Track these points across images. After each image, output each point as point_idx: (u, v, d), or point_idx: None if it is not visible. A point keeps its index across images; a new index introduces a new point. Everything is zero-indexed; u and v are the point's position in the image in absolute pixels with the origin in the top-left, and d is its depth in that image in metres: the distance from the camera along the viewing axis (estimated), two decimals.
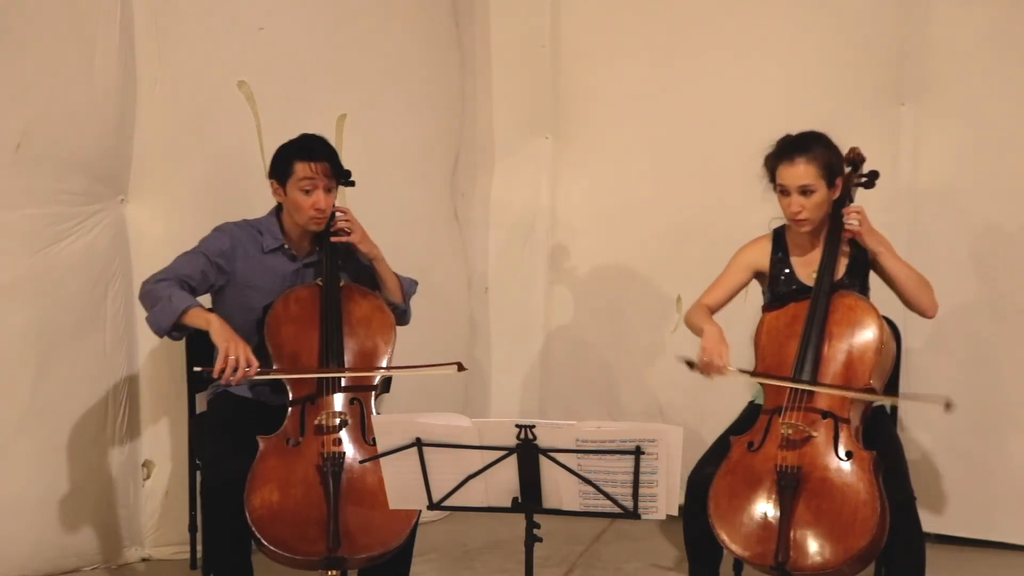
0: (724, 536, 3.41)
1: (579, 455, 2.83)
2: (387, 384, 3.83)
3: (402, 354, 3.79)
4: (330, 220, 3.81)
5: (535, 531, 2.95)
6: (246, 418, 3.70)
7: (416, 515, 3.51)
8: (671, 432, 2.81)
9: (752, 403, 3.84)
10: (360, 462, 3.50)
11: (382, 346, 3.76)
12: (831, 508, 3.35)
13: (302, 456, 3.53)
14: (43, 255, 4.13)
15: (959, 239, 4.66)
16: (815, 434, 3.45)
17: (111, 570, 4.35)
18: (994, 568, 4.53)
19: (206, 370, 3.56)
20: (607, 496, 2.86)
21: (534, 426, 2.82)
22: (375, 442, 3.03)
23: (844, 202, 3.74)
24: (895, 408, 3.97)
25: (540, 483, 2.89)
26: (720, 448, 3.61)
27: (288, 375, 3.64)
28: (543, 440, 2.84)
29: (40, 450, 4.16)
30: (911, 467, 3.63)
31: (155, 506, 4.45)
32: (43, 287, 4.14)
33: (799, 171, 3.64)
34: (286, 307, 3.73)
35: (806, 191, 3.65)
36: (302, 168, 3.72)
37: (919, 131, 4.71)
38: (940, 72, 4.67)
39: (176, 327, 3.55)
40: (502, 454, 2.85)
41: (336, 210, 3.82)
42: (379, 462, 2.95)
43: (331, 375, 3.65)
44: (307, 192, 3.73)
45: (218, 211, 4.09)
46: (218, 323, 3.54)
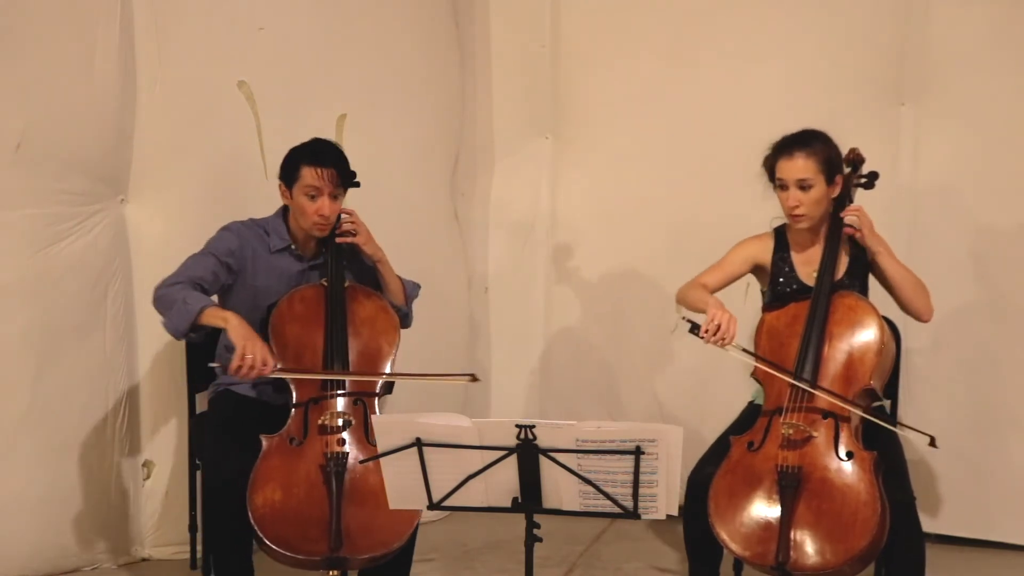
0: (724, 536, 3.41)
1: (579, 455, 2.83)
2: (390, 385, 3.83)
3: (402, 354, 3.79)
4: (336, 222, 3.81)
5: (535, 531, 2.95)
6: (247, 417, 3.70)
7: (418, 516, 3.51)
8: (671, 432, 2.81)
9: (752, 403, 3.84)
10: (360, 462, 3.50)
11: (386, 347, 3.76)
12: (831, 508, 3.35)
13: (305, 456, 3.53)
14: (43, 255, 4.12)
15: (959, 239, 4.66)
16: (816, 434, 3.45)
17: (111, 570, 4.35)
18: (994, 568, 4.53)
19: (221, 366, 3.56)
20: (607, 496, 2.85)
21: (534, 426, 2.82)
22: None
23: (844, 202, 3.74)
24: (895, 407, 3.97)
25: (540, 483, 2.89)
26: (720, 448, 3.61)
27: (302, 375, 3.64)
28: (543, 440, 2.83)
29: (40, 450, 4.16)
30: (911, 467, 3.63)
31: (155, 506, 4.45)
32: (43, 287, 4.13)
33: (798, 165, 3.65)
34: (291, 306, 3.73)
35: (804, 185, 3.65)
36: (309, 174, 3.72)
37: (919, 131, 4.71)
38: (940, 72, 4.67)
39: (193, 328, 3.56)
40: (502, 454, 2.85)
41: (342, 211, 3.82)
42: (380, 462, 2.95)
43: (346, 377, 3.65)
44: (312, 198, 3.73)
45: (218, 211, 4.10)
46: (236, 320, 3.54)
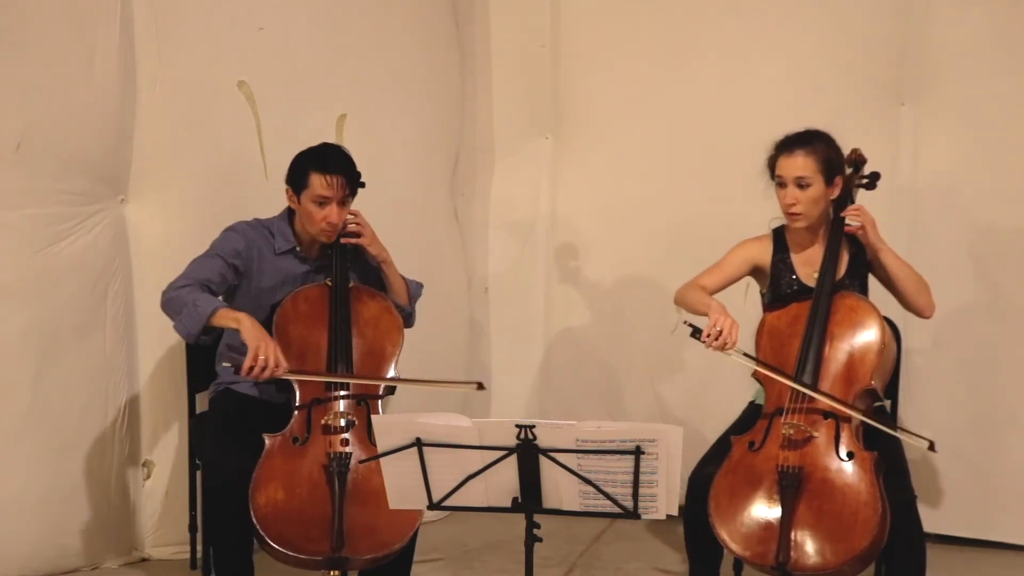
0: (724, 536, 3.41)
1: (579, 455, 2.83)
2: (393, 386, 3.82)
3: (403, 354, 3.79)
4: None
5: (535, 531, 2.95)
6: (248, 416, 3.70)
7: (419, 517, 3.51)
8: (671, 432, 2.81)
9: (753, 403, 3.84)
10: (360, 462, 3.50)
11: (390, 348, 3.76)
12: (832, 508, 3.35)
13: (308, 455, 3.53)
14: (43, 255, 4.12)
15: (959, 239, 4.66)
16: (816, 434, 3.45)
17: (111, 570, 4.35)
18: (994, 568, 4.53)
19: (234, 366, 3.56)
20: (607, 496, 2.85)
21: (534, 426, 2.82)
22: None
23: (845, 203, 3.73)
24: (895, 408, 3.97)
25: (540, 483, 2.89)
26: (721, 448, 3.60)
27: (314, 377, 3.63)
28: (543, 440, 2.83)
29: (40, 450, 4.16)
30: (912, 467, 3.63)
31: (155, 506, 4.44)
32: (43, 287, 4.13)
33: (797, 162, 3.65)
34: (295, 306, 3.73)
35: (802, 184, 3.65)
36: (319, 182, 3.70)
37: (919, 131, 4.71)
38: (940, 72, 4.67)
39: (205, 330, 3.56)
40: (502, 454, 2.85)
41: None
42: (380, 462, 2.95)
43: (356, 380, 3.64)
44: (321, 205, 3.72)
45: (218, 211, 4.10)
46: (248, 321, 3.54)
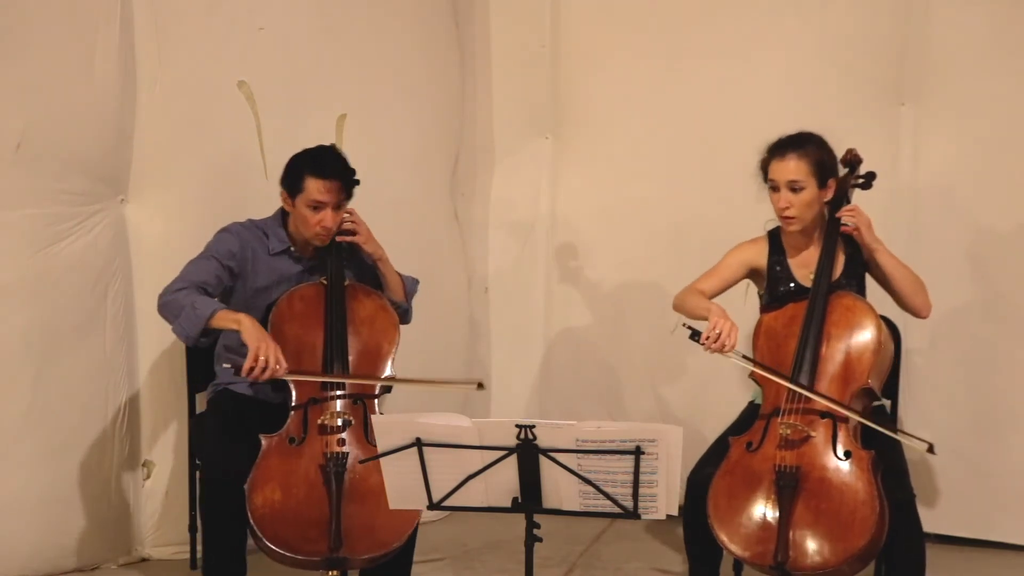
0: (724, 536, 3.41)
1: (579, 455, 2.83)
2: (389, 385, 3.83)
3: (402, 354, 3.79)
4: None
5: (535, 531, 2.94)
6: (246, 416, 3.70)
7: (417, 516, 3.51)
8: (671, 432, 2.81)
9: (752, 403, 3.83)
10: (360, 462, 3.50)
11: (386, 346, 3.76)
12: (830, 508, 3.35)
13: (305, 456, 3.53)
14: (43, 255, 4.12)
15: (959, 239, 4.66)
16: (814, 434, 3.45)
17: (111, 570, 4.35)
18: (994, 568, 4.53)
19: (234, 367, 3.56)
20: (607, 496, 2.85)
21: (534, 426, 2.82)
22: None
23: (841, 203, 3.73)
24: (895, 407, 3.97)
25: (540, 483, 2.89)
26: (719, 448, 3.61)
27: (314, 378, 3.63)
28: (543, 440, 2.83)
29: (40, 450, 4.16)
30: (911, 466, 3.63)
31: (155, 506, 4.44)
32: (43, 287, 4.13)
33: (789, 166, 3.65)
34: (291, 305, 3.72)
35: (795, 187, 3.65)
36: (314, 187, 3.70)
37: (919, 131, 4.71)
38: (940, 72, 4.67)
39: (205, 333, 3.56)
40: (502, 454, 2.85)
41: None
42: (380, 462, 2.95)
43: (355, 380, 3.64)
44: (315, 209, 3.72)
45: (218, 211, 4.10)
46: (248, 322, 3.54)
